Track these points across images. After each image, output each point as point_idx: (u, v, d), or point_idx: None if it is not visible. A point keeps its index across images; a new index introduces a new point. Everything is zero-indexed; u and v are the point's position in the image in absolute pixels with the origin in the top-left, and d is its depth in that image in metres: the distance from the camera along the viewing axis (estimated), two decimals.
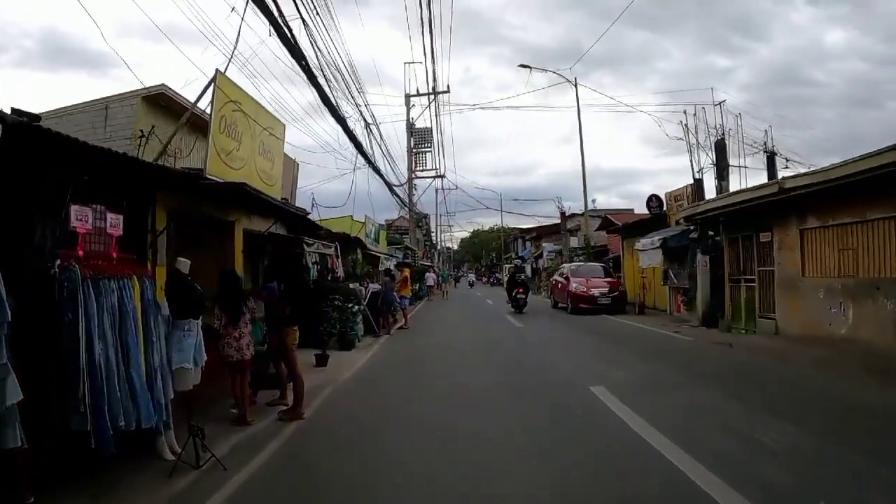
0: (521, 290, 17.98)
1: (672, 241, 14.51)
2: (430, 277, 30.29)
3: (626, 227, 20.29)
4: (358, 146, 13.12)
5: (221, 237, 7.07)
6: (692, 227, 14.17)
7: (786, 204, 10.00)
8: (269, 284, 6.25)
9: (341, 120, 11.53)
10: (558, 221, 35.61)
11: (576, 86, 23.96)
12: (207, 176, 5.35)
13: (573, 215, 32.59)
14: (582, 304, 16.70)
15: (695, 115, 15.17)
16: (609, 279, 17.90)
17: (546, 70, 24.54)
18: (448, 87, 40.37)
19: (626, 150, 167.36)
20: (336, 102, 10.81)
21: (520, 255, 48.56)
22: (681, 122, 15.19)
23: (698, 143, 14.77)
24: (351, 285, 13.33)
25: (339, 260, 13.53)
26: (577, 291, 17.01)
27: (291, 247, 9.00)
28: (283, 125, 8.12)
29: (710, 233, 14.16)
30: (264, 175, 7.27)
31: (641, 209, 31.55)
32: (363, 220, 20.02)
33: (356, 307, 11.47)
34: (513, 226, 60.51)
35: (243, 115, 6.40)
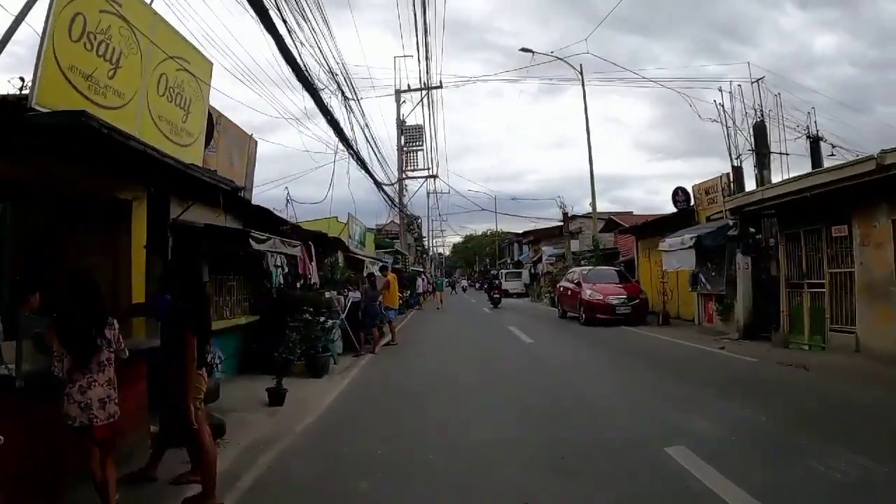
0: (496, 292, 24.92)
1: (707, 239, 12.33)
2: (420, 284, 27.98)
3: (641, 226, 18.12)
4: (335, 125, 10.84)
5: (116, 227, 4.76)
6: (731, 223, 12.02)
7: (873, 188, 7.86)
8: (163, 296, 3.95)
9: (312, 89, 9.24)
10: (556, 224, 33.69)
11: (581, 73, 21.90)
12: (35, 107, 3.04)
13: (574, 217, 30.57)
14: (598, 314, 14.45)
15: (730, 93, 13.06)
16: (626, 285, 15.69)
17: (549, 54, 22.38)
18: (440, 81, 38.40)
19: (616, 155, 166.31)
20: (304, 65, 8.54)
21: (516, 259, 46.46)
22: (714, 100, 13.09)
23: (735, 125, 12.65)
24: (327, 294, 11.03)
25: (314, 263, 11.25)
26: (592, 300, 14.76)
27: (235, 243, 6.71)
28: (211, 64, 5.75)
29: (752, 230, 12.07)
30: (167, 125, 4.91)
31: (638, 213, 30.21)
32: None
33: (330, 321, 9.15)
34: (507, 230, 58.29)
35: (126, 27, 4.04)
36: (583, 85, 21.83)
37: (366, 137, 26.39)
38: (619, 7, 54.05)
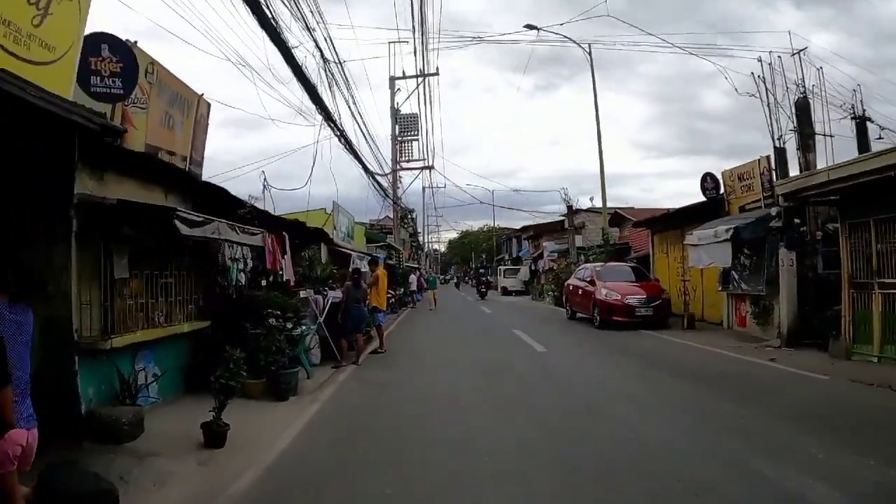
0: (483, 287, 31.01)
1: (746, 231, 10.69)
2: (414, 281, 26.32)
3: (659, 218, 16.48)
4: (312, 91, 9.10)
5: None
6: (774, 213, 10.39)
7: None
8: None
9: (282, 43, 7.49)
10: (558, 219, 32.04)
11: (590, 53, 20.19)
12: None
13: (578, 211, 28.89)
14: (615, 316, 12.78)
15: (770, 64, 11.40)
16: (645, 283, 14.02)
17: (555, 32, 20.72)
18: (437, 68, 36.50)
19: (611, 153, 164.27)
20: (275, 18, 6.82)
21: (515, 255, 44.86)
22: (752, 73, 11.46)
23: (776, 101, 11.02)
24: (302, 293, 9.33)
25: (288, 257, 9.53)
26: (608, 300, 13.08)
27: (158, 227, 4.98)
28: None
29: (796, 221, 10.47)
30: None
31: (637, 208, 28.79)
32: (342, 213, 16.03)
33: (300, 329, 7.44)
34: (505, 227, 56.67)
35: None
36: (591, 66, 20.17)
37: (351, 113, 24.25)
38: (617, 3, 52.44)
